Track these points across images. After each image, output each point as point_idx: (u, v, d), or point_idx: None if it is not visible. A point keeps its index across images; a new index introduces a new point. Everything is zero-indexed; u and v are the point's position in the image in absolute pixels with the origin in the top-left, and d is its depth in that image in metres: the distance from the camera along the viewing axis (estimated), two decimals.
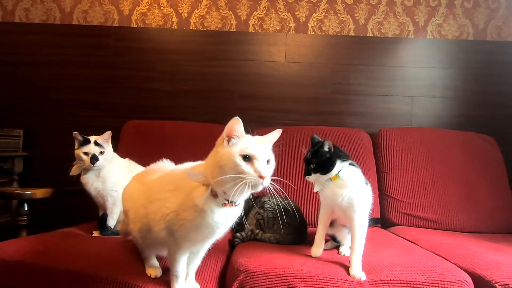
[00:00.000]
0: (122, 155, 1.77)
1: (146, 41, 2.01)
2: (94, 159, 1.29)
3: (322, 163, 1.02)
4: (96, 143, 1.31)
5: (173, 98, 2.01)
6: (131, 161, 1.48)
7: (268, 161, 0.75)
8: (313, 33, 2.03)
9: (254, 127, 2.01)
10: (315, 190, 1.06)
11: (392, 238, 1.40)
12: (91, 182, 1.33)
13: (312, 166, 1.03)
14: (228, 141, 0.74)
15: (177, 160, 1.15)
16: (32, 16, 2.03)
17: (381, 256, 1.09)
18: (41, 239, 1.14)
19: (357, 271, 0.94)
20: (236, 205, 0.78)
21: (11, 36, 2.02)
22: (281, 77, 2.02)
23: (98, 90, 2.01)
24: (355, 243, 1.00)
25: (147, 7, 2.03)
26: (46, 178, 1.93)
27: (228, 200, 0.75)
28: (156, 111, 2.00)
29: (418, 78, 2.02)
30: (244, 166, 0.71)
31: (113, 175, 1.35)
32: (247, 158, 0.72)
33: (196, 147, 1.78)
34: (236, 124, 0.73)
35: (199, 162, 0.83)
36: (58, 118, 2.00)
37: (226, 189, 0.72)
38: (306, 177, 1.05)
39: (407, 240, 1.39)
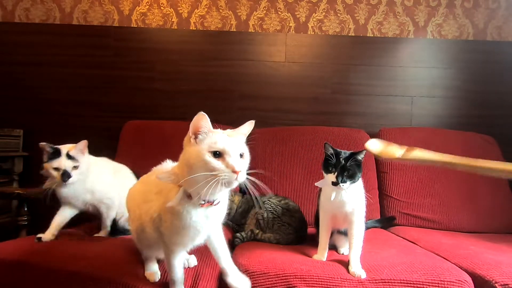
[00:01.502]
0: (122, 155, 1.77)
1: (146, 41, 2.01)
2: (65, 176, 1.12)
3: (356, 170, 1.02)
4: (68, 156, 1.14)
5: (173, 98, 2.01)
6: (110, 161, 1.40)
7: (241, 155, 0.71)
8: (313, 33, 2.03)
9: (254, 127, 2.02)
10: (332, 198, 1.03)
11: (392, 238, 1.40)
12: (76, 195, 1.20)
13: (348, 173, 1.01)
14: (196, 138, 0.70)
15: (177, 160, 1.14)
16: (32, 16, 2.03)
17: (381, 256, 1.09)
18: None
19: (357, 269, 0.95)
20: (215, 204, 0.74)
21: (11, 36, 2.02)
22: (281, 77, 2.02)
23: (98, 90, 2.01)
24: (354, 242, 1.01)
25: (147, 7, 2.03)
26: (46, 178, 1.93)
27: (204, 200, 0.72)
28: (156, 111, 2.00)
29: (418, 78, 2.02)
30: (215, 162, 0.67)
31: (101, 183, 1.24)
32: (217, 154, 0.67)
33: None
34: (202, 120, 0.70)
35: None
36: (58, 118, 2.00)
37: (198, 189, 0.67)
38: (341, 184, 1.00)
39: (407, 240, 1.39)
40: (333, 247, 1.18)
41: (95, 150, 2.03)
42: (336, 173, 1.01)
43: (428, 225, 1.61)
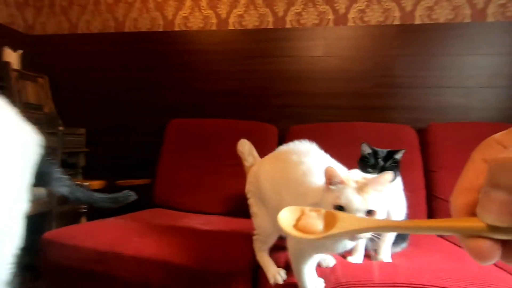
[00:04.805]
0: (167, 151, 1.89)
1: (188, 43, 2.12)
2: None
3: (395, 170, 0.99)
4: None
5: (213, 97, 2.09)
6: None
7: (371, 212, 0.67)
8: (353, 24, 1.94)
9: (293, 123, 2.01)
10: None
11: (439, 242, 1.28)
12: None
13: None
14: (330, 183, 0.71)
15: (217, 156, 1.17)
16: (92, 27, 2.27)
17: (424, 260, 1.01)
18: (94, 225, 1.29)
19: (385, 257, 1.00)
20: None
21: (76, 46, 2.28)
22: (320, 72, 1.97)
23: (146, 91, 2.17)
24: (388, 235, 1.02)
25: (189, 10, 2.13)
26: (104, 171, 2.17)
27: None
28: (198, 110, 2.09)
29: (476, 67, 1.80)
30: None
31: None
32: (341, 208, 0.67)
33: (233, 142, 1.84)
34: (330, 173, 0.69)
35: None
36: (114, 117, 2.22)
37: None
38: None
39: (458, 245, 1.26)
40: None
41: (143, 147, 2.21)
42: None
43: None
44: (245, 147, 1.11)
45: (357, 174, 0.73)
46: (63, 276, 1.10)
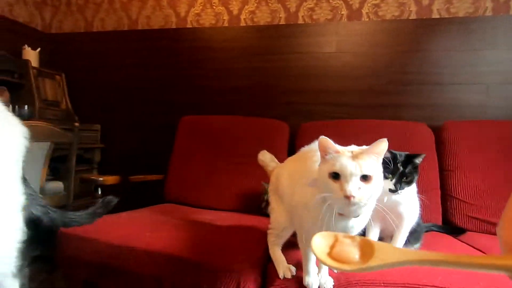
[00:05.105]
0: (179, 148, 1.92)
1: (200, 40, 2.13)
2: None
3: (414, 175, 0.95)
4: None
5: (223, 94, 2.09)
6: None
7: (366, 178, 0.66)
8: (367, 19, 1.89)
9: (304, 120, 1.99)
10: (385, 201, 0.96)
11: (455, 244, 1.25)
12: None
13: (406, 179, 0.95)
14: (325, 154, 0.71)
15: (227, 153, 1.14)
16: (107, 25, 2.31)
17: None
18: (108, 219, 1.32)
19: None
20: (355, 217, 0.72)
21: (91, 44, 2.33)
22: (331, 69, 1.94)
23: (158, 89, 2.20)
24: (399, 236, 1.01)
25: (201, 7, 2.13)
26: (118, 166, 2.22)
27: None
28: (208, 107, 2.10)
29: (496, 62, 1.73)
30: (330, 184, 0.67)
31: None
32: (337, 175, 0.67)
33: (244, 139, 1.84)
34: (324, 144, 0.70)
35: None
36: (127, 114, 2.26)
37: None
38: (400, 191, 0.93)
39: (474, 247, 1.22)
40: None
41: (156, 143, 2.24)
42: (394, 180, 0.93)
43: None
44: (266, 156, 1.15)
45: (353, 148, 0.72)
46: (78, 269, 1.14)
